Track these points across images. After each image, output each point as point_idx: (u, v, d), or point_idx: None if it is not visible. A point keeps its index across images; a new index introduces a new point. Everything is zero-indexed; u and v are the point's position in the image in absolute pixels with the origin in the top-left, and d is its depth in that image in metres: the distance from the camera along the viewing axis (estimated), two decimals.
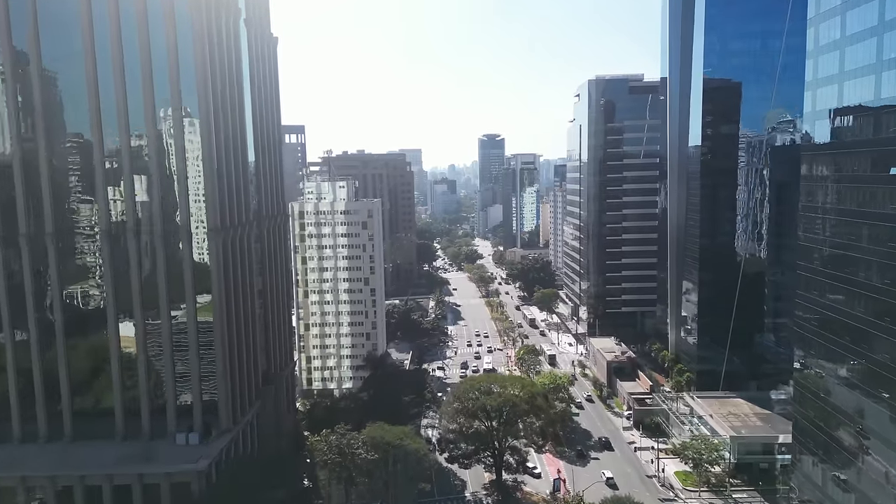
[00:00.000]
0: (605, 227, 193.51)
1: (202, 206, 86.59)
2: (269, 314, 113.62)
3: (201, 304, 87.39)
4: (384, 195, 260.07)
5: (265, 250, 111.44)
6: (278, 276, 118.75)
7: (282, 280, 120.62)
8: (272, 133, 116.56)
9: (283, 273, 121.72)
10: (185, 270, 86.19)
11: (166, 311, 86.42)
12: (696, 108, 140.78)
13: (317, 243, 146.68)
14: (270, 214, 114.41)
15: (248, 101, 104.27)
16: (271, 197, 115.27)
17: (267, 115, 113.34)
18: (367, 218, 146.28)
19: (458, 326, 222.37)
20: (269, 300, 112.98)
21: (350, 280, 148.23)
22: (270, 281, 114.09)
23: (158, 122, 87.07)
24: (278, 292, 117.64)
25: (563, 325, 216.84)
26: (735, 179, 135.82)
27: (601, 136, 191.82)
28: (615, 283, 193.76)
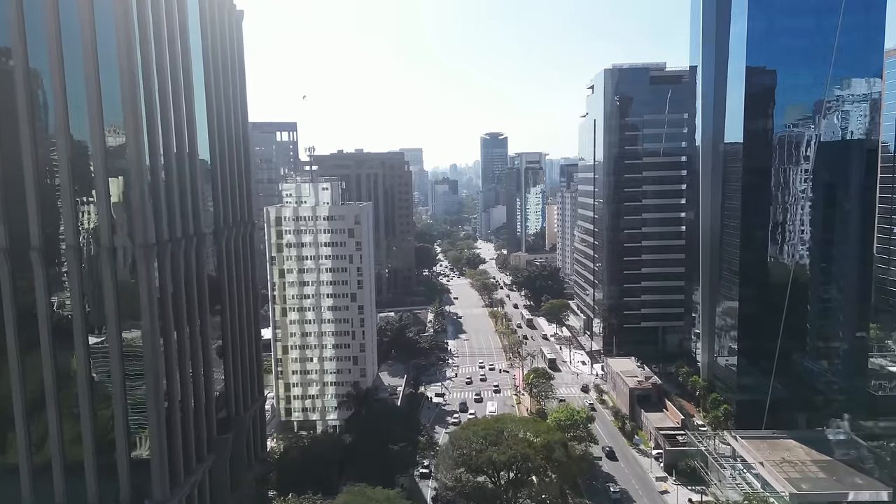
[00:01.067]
0: (622, 233, 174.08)
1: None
2: (231, 343, 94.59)
3: (128, 339, 68.49)
4: (379, 196, 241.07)
5: (226, 266, 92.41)
6: (244, 296, 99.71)
7: (248, 300, 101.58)
8: (235, 127, 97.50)
9: (250, 292, 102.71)
10: (105, 295, 67.24)
11: (82, 341, 67.54)
12: (734, 99, 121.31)
13: (296, 254, 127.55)
14: (233, 223, 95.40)
15: (200, 88, 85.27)
16: (234, 203, 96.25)
17: (227, 105, 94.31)
18: (353, 224, 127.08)
19: (459, 341, 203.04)
20: (230, 326, 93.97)
21: (334, 296, 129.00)
22: (233, 302, 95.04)
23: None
24: (243, 315, 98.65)
25: (575, 339, 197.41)
26: (780, 180, 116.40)
27: (618, 132, 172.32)
28: (633, 294, 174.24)
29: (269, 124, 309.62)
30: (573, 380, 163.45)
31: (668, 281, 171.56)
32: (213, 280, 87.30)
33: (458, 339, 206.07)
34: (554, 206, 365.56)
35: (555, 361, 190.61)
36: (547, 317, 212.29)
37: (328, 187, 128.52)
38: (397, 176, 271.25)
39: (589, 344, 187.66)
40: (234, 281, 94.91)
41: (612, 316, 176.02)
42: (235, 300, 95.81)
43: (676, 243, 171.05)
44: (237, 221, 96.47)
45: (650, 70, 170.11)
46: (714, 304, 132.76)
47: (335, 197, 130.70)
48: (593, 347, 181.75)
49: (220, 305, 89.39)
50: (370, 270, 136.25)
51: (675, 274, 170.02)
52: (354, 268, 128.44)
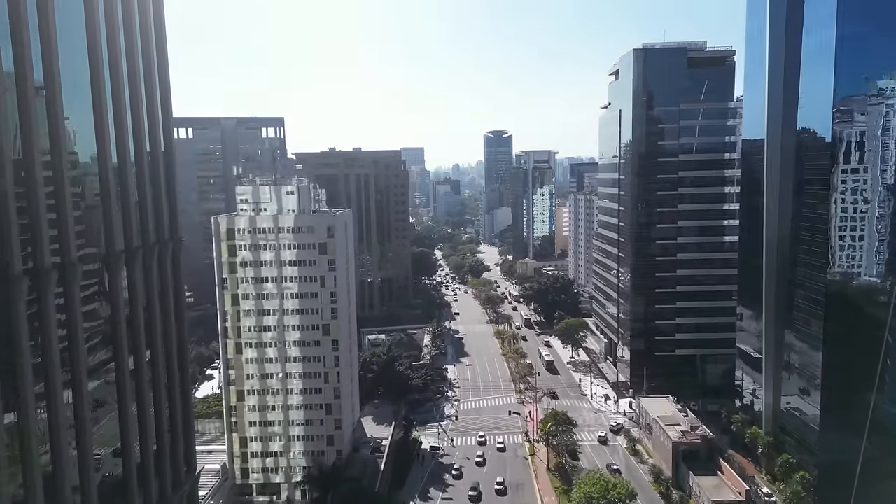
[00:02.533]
0: (652, 244, 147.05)
1: None
2: (148, 403, 67.30)
3: None
4: (371, 199, 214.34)
5: (135, 299, 65.18)
6: (165, 338, 72.43)
7: (174, 343, 74.25)
8: (150, 121, 69.82)
9: (176, 331, 75.44)
10: None
11: None
12: (814, 80, 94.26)
13: (253, 275, 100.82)
14: (146, 244, 68.18)
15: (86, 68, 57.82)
16: (149, 218, 68.93)
17: (138, 92, 66.61)
18: (326, 237, 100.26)
19: (460, 366, 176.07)
20: (146, 379, 66.69)
21: (302, 328, 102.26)
22: (148, 348, 67.90)
23: None
24: (161, 363, 71.31)
25: (595, 365, 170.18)
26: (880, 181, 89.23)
27: (648, 125, 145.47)
28: (666, 316, 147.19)
29: (253, 119, 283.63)
30: (595, 420, 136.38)
31: (708, 301, 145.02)
32: (114, 315, 60.28)
33: (460, 363, 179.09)
34: (563, 208, 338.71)
35: (553, 363, 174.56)
36: (561, 337, 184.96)
37: (294, 191, 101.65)
38: (393, 176, 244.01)
39: (613, 374, 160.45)
40: (152, 316, 67.92)
41: (640, 341, 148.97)
42: (155, 341, 68.80)
43: (719, 256, 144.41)
44: (157, 240, 69.45)
45: (688, 49, 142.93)
46: (781, 336, 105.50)
47: (304, 203, 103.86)
48: (619, 378, 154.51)
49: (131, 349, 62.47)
50: (348, 294, 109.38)
51: (717, 293, 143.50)
52: (327, 293, 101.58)
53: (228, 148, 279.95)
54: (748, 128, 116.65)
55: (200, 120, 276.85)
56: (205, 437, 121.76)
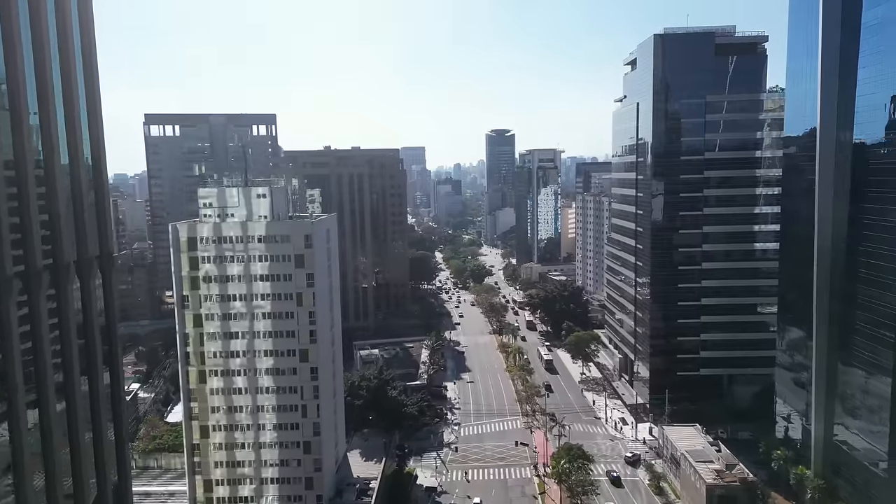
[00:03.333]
0: (675, 252, 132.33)
1: None
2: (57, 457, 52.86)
3: None
4: (365, 200, 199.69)
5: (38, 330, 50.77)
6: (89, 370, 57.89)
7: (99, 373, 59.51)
8: (69, 129, 55.03)
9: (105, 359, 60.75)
10: None
11: None
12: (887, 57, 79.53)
13: (219, 292, 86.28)
14: (58, 264, 53.62)
15: None
16: (67, 231, 54.38)
17: (47, 95, 51.67)
18: (303, 248, 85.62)
19: (461, 383, 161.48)
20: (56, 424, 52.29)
21: (276, 354, 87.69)
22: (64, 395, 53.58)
23: None
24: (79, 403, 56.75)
25: (608, 384, 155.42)
26: None
27: (669, 119, 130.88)
28: (690, 333, 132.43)
29: (244, 116, 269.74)
30: (612, 450, 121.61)
31: (736, 315, 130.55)
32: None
33: (461, 379, 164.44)
34: (568, 209, 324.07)
35: (552, 363, 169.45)
36: (571, 351, 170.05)
37: (266, 194, 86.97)
38: (389, 176, 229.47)
39: (629, 394, 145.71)
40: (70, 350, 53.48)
41: (660, 360, 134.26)
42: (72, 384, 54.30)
43: (749, 265, 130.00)
44: (80, 257, 54.93)
45: (716, 35, 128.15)
46: (835, 360, 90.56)
47: (279, 207, 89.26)
48: (636, 399, 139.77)
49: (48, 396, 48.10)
50: (332, 312, 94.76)
51: (746, 307, 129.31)
52: (305, 312, 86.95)
53: (217, 146, 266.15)
54: (792, 122, 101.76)
55: (187, 117, 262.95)
56: (168, 473, 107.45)
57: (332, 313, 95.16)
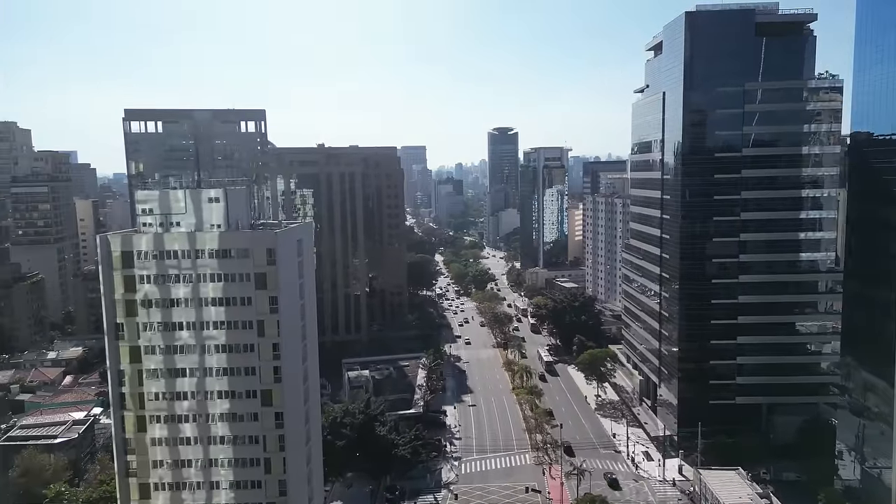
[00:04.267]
0: (708, 263, 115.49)
1: None
2: None
3: None
4: (357, 201, 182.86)
5: None
6: None
7: None
8: None
9: None
10: None
11: None
12: None
13: (161, 319, 69.49)
14: None
15: None
16: None
17: None
18: (266, 266, 68.75)
19: (462, 406, 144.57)
20: None
21: (233, 396, 70.88)
22: None
23: None
24: None
25: (628, 409, 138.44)
26: None
27: (702, 111, 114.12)
28: (725, 355, 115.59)
29: (231, 112, 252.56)
30: (637, 493, 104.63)
31: (779, 336, 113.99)
32: None
33: (462, 402, 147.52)
34: (575, 210, 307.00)
35: (553, 365, 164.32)
36: (585, 371, 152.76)
37: (219, 197, 70.04)
38: (385, 176, 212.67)
39: (652, 422, 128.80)
40: None
41: (690, 386, 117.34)
42: None
43: (794, 279, 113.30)
44: None
45: (756, 13, 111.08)
46: None
47: (237, 214, 72.38)
48: (661, 430, 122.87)
49: None
50: (303, 342, 77.83)
51: (789, 325, 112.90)
52: (268, 344, 70.06)
53: (202, 144, 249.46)
54: (861, 114, 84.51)
55: (170, 112, 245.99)
56: None
57: (305, 343, 78.31)
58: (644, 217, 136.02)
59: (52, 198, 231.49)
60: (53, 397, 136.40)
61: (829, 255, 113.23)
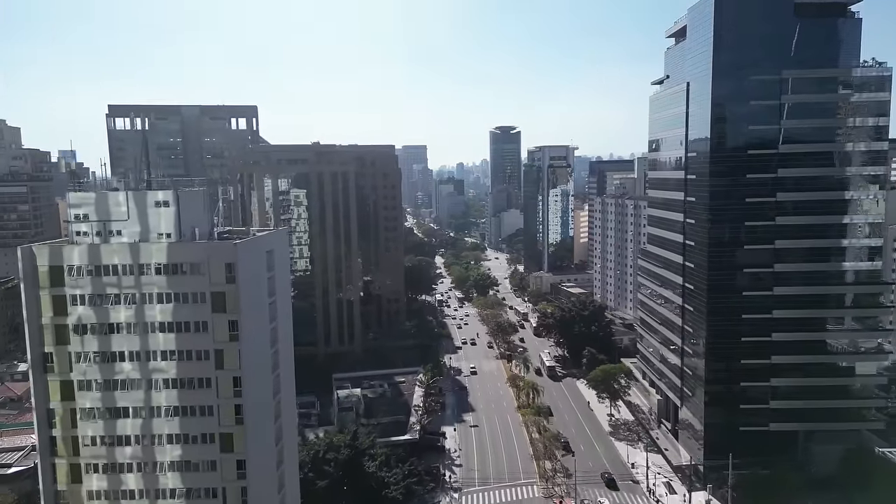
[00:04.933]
0: (739, 273, 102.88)
1: None
2: None
3: None
4: (351, 203, 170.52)
5: None
6: None
7: None
8: None
9: None
10: None
11: None
12: None
13: (97, 348, 57.42)
14: None
15: None
16: None
17: None
18: (224, 283, 56.59)
19: (463, 427, 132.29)
20: None
21: (185, 441, 58.76)
22: None
23: None
24: None
25: (645, 431, 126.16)
26: None
27: (733, 103, 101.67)
28: (758, 376, 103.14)
29: (221, 108, 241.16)
30: None
31: (818, 355, 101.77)
32: None
33: (462, 422, 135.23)
34: (580, 211, 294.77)
35: (555, 370, 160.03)
36: (597, 388, 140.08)
37: (169, 200, 57.87)
38: (382, 175, 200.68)
39: (673, 448, 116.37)
40: None
41: (718, 410, 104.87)
42: None
43: (835, 291, 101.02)
44: None
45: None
46: None
47: (192, 220, 60.22)
48: (684, 458, 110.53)
49: None
50: (273, 374, 65.55)
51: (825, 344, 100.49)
52: (227, 378, 57.93)
53: (190, 141, 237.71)
54: None
55: (157, 108, 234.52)
56: None
57: (278, 373, 66.06)
58: (664, 221, 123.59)
59: (31, 198, 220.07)
60: (17, 416, 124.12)
61: (875, 264, 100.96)
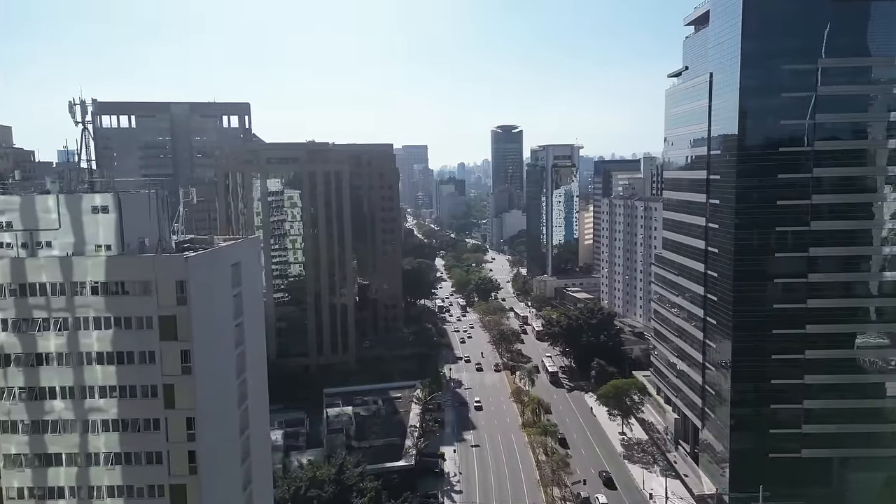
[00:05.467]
0: (769, 284, 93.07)
1: None
2: None
3: None
4: (343, 203, 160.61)
5: None
6: None
7: None
8: None
9: None
10: None
11: None
12: None
13: (23, 383, 47.68)
14: None
15: None
16: None
17: None
18: (175, 304, 46.79)
19: (463, 447, 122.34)
20: None
21: (129, 494, 48.92)
22: None
23: None
24: None
25: (661, 453, 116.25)
26: None
27: (763, 95, 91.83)
28: (790, 398, 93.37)
29: (212, 105, 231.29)
30: None
31: (857, 375, 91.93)
32: None
33: (463, 441, 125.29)
34: (584, 213, 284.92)
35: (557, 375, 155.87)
36: (608, 404, 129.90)
37: (108, 206, 48.11)
38: (378, 175, 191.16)
39: (694, 475, 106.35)
40: None
41: (745, 436, 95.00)
42: None
43: (878, 304, 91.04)
44: None
45: None
46: None
47: (139, 229, 50.43)
48: (706, 486, 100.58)
49: None
50: (240, 409, 55.73)
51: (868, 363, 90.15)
52: (179, 420, 48.08)
53: (179, 139, 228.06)
54: None
55: (144, 105, 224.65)
56: None
57: (246, 407, 56.26)
58: (682, 225, 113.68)
59: None
60: None
61: None
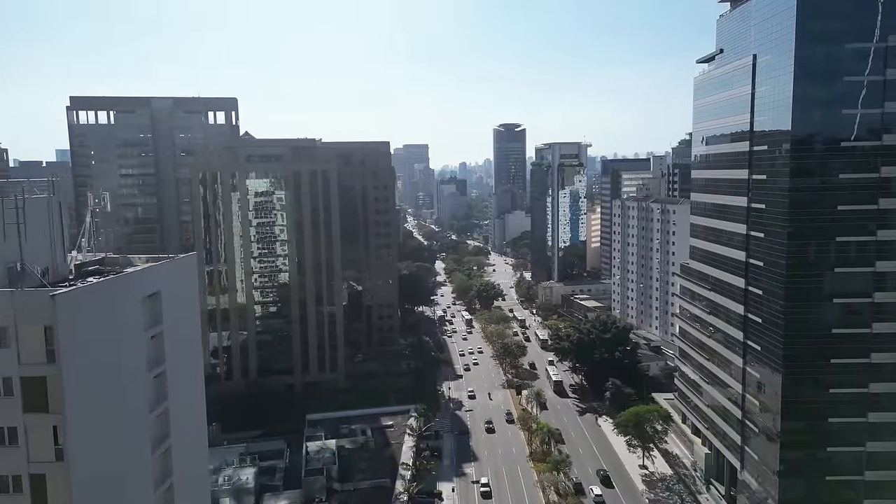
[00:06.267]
0: (826, 303, 78.41)
1: None
2: None
3: None
4: (332, 206, 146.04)
5: None
6: None
7: None
8: None
9: None
10: None
11: None
12: None
13: None
14: None
15: None
16: None
17: None
18: (45, 363, 32.32)
19: (463, 483, 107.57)
20: None
21: None
22: None
23: None
24: None
25: (690, 492, 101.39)
26: None
27: (817, 81, 77.15)
28: (849, 439, 78.70)
29: (196, 100, 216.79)
30: None
31: None
32: None
33: (463, 475, 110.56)
34: (591, 214, 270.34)
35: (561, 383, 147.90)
36: (628, 433, 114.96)
37: None
38: (372, 174, 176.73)
39: None
40: None
41: (799, 484, 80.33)
42: None
43: None
44: None
45: None
46: None
47: (30, 247, 35.76)
48: None
49: None
50: (158, 494, 41.15)
51: None
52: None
53: (162, 136, 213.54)
54: None
55: (124, 100, 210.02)
56: None
57: (170, 485, 41.71)
58: (716, 232, 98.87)
59: None
60: None
61: None
